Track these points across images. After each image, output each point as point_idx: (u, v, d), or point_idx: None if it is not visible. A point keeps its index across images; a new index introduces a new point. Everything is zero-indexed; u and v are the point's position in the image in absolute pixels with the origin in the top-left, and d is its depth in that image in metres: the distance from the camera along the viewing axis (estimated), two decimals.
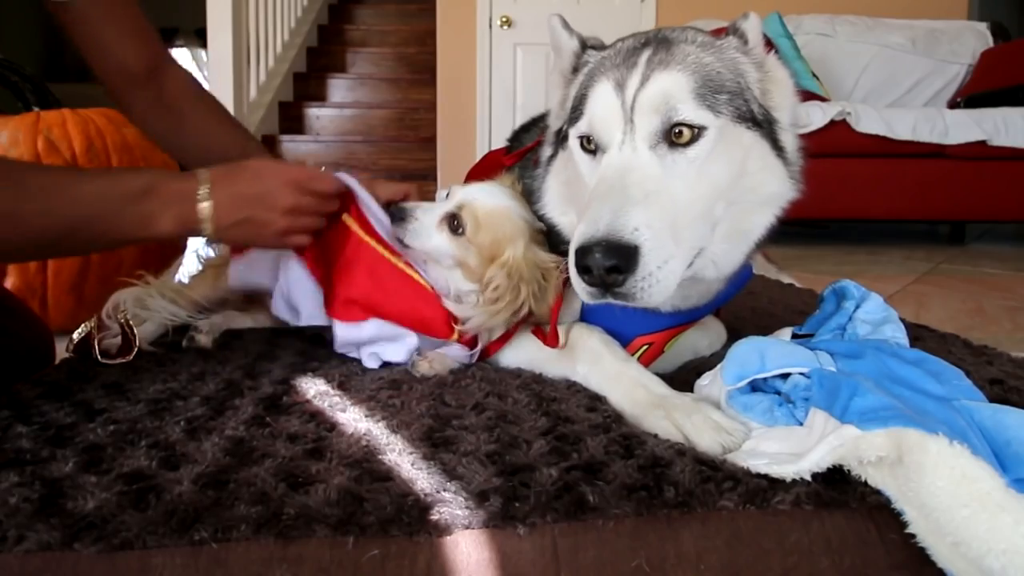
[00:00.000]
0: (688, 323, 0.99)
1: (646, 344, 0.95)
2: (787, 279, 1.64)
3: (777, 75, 0.88)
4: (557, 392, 0.84)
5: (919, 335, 1.18)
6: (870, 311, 0.88)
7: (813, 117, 3.29)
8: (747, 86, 0.84)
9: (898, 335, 0.87)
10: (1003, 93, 3.59)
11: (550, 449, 0.68)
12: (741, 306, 1.47)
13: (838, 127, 3.31)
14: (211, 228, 0.90)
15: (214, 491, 0.60)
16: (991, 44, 4.12)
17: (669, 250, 0.73)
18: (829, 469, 0.61)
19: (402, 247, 0.96)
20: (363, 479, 0.62)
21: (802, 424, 0.69)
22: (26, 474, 0.63)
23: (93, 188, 0.85)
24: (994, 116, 3.36)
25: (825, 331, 0.88)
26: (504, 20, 4.90)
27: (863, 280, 0.96)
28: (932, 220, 3.86)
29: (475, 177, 1.20)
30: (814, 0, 4.45)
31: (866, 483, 0.61)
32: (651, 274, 0.72)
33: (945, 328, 1.28)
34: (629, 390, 0.82)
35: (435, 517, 0.57)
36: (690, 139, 0.79)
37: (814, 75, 3.81)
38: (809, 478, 0.61)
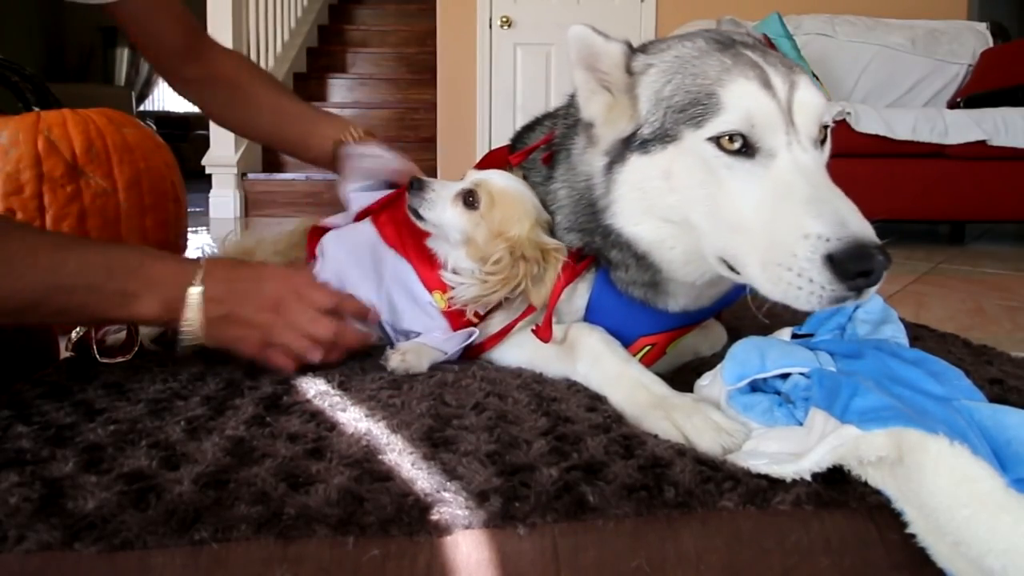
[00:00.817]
0: (693, 325, 0.99)
1: (649, 345, 0.95)
2: None
3: None
4: (557, 392, 0.84)
5: (919, 335, 1.18)
6: (870, 311, 0.88)
7: None
8: None
9: (898, 335, 0.87)
10: (1003, 93, 3.59)
11: (550, 449, 0.68)
12: (741, 306, 1.47)
13: (838, 127, 3.31)
14: (196, 318, 0.84)
15: (214, 491, 0.60)
16: (991, 44, 4.12)
17: None
18: (829, 469, 0.61)
19: (415, 218, 0.97)
20: (363, 479, 0.62)
21: (802, 424, 0.69)
22: (26, 474, 0.63)
23: (77, 257, 0.79)
24: (994, 116, 3.37)
25: (825, 331, 0.88)
26: (504, 20, 4.90)
27: None
28: (932, 220, 3.86)
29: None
30: (814, 0, 4.45)
31: (866, 483, 0.61)
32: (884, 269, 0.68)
33: (945, 328, 1.28)
34: (629, 390, 0.82)
35: (435, 517, 0.57)
36: (822, 140, 0.81)
37: (814, 75, 3.81)
38: (809, 478, 0.61)
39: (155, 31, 1.21)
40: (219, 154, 4.71)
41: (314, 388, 0.86)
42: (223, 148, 4.72)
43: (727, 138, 0.76)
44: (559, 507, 0.58)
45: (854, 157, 3.39)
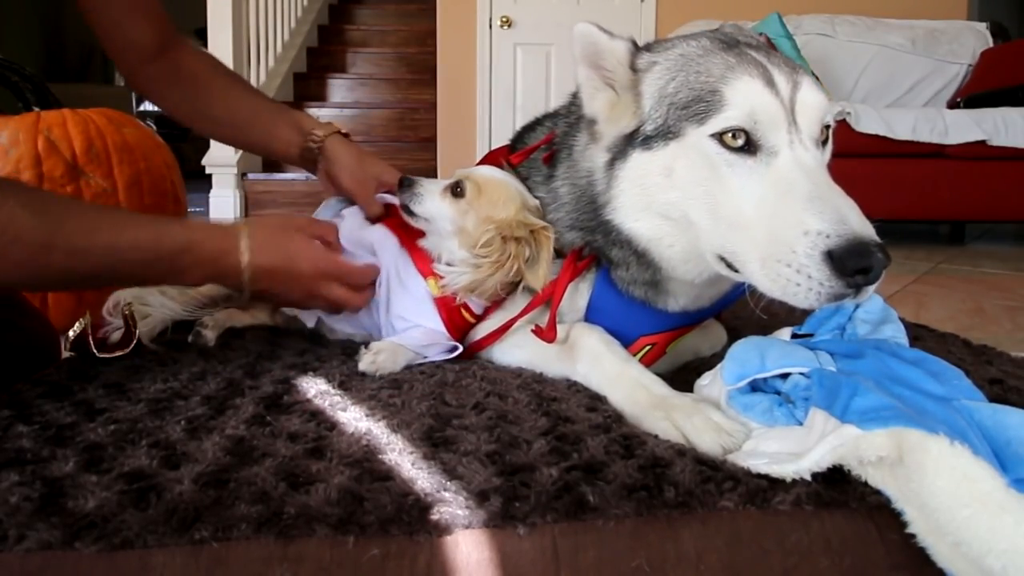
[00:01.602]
0: (693, 325, 0.99)
1: (649, 344, 0.95)
2: None
3: None
4: (557, 392, 0.84)
5: (919, 335, 1.18)
6: (870, 311, 0.88)
7: None
8: None
9: (898, 335, 0.87)
10: (1003, 93, 3.60)
11: (550, 449, 0.68)
12: (741, 306, 1.47)
13: (838, 127, 3.29)
14: (246, 283, 0.94)
15: (215, 490, 0.60)
16: (991, 44, 4.12)
17: None
18: (829, 469, 0.61)
19: (407, 215, 1.00)
20: (363, 478, 0.62)
21: (802, 424, 0.69)
22: (27, 473, 0.63)
23: (130, 238, 0.85)
24: (994, 116, 3.37)
25: (825, 331, 0.88)
26: (504, 20, 4.90)
27: None
28: (932, 220, 3.86)
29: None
30: (814, 0, 4.45)
31: (866, 483, 0.61)
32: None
33: (945, 328, 1.28)
34: (629, 390, 0.82)
35: (435, 517, 0.57)
36: (824, 140, 0.82)
37: (814, 75, 3.81)
38: (809, 478, 0.61)
39: (124, 25, 1.16)
40: (219, 154, 4.71)
41: (314, 388, 0.86)
42: (223, 148, 4.71)
43: (730, 135, 0.77)
44: (559, 507, 0.58)
45: (854, 157, 3.39)
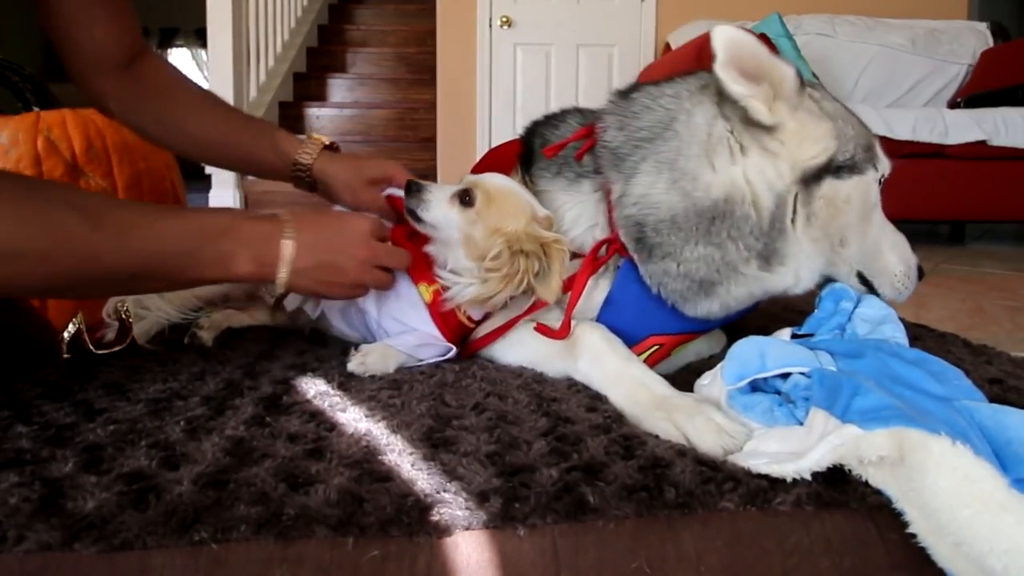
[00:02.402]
0: (704, 331, 1.00)
1: (657, 345, 0.95)
2: None
3: None
4: (557, 392, 0.84)
5: (919, 335, 1.18)
6: (869, 310, 0.88)
7: None
8: None
9: (897, 335, 0.87)
10: (1003, 93, 3.60)
11: (550, 450, 0.68)
12: None
13: None
14: (288, 271, 0.87)
15: (214, 491, 0.60)
16: (991, 44, 4.12)
17: None
18: (829, 469, 0.61)
19: (414, 220, 0.97)
20: (363, 479, 0.62)
21: (802, 424, 0.69)
22: (26, 474, 0.63)
23: (173, 224, 0.82)
24: (994, 116, 3.37)
25: (824, 331, 0.88)
26: (504, 20, 4.89)
27: None
28: (932, 220, 3.86)
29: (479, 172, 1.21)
30: (814, 0, 4.45)
31: (867, 483, 0.60)
32: None
33: (945, 328, 1.28)
34: (630, 389, 0.82)
35: (435, 518, 0.57)
36: None
37: (814, 75, 3.81)
38: (809, 477, 0.61)
39: (85, 25, 1.03)
40: None
41: (314, 388, 0.86)
42: None
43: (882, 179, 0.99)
44: (559, 508, 0.58)
45: None
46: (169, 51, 9.62)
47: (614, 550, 0.57)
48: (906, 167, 3.40)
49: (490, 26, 4.92)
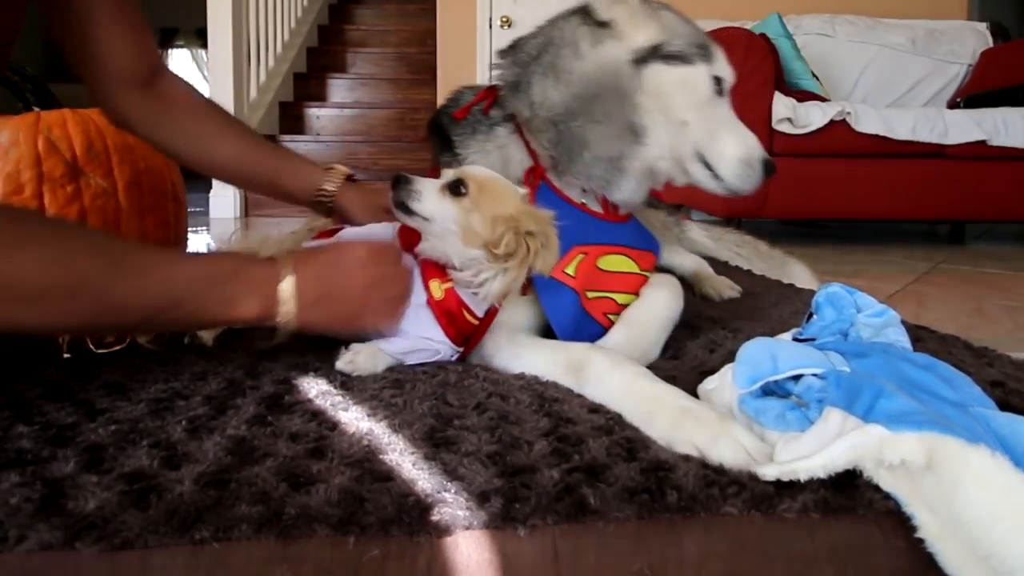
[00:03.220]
0: (619, 245, 1.09)
1: (581, 254, 1.04)
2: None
3: None
4: (559, 393, 0.84)
5: (919, 336, 1.18)
6: (872, 315, 0.88)
7: (813, 117, 3.29)
8: None
9: (901, 338, 0.86)
10: (1003, 93, 3.59)
11: (552, 450, 0.68)
12: (741, 306, 1.47)
13: (838, 127, 3.30)
14: (293, 307, 0.87)
15: (215, 491, 0.60)
16: (991, 44, 4.11)
17: None
18: (837, 474, 0.60)
19: (404, 214, 0.95)
20: (364, 479, 0.62)
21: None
22: (27, 474, 0.63)
23: (184, 269, 0.83)
24: (994, 116, 3.36)
25: (827, 335, 0.87)
26: (504, 20, 4.90)
27: (863, 280, 0.96)
28: (932, 220, 3.86)
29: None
30: (814, 0, 4.45)
31: (875, 488, 0.60)
32: None
33: (945, 328, 1.28)
34: (641, 405, 0.78)
35: (436, 518, 0.57)
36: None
37: (814, 75, 3.81)
38: (823, 476, 0.60)
39: (106, 43, 1.06)
40: None
41: (316, 387, 0.86)
42: None
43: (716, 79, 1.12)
44: (560, 509, 0.58)
45: (854, 157, 3.39)
46: (169, 51, 9.61)
47: (615, 552, 0.57)
48: (906, 167, 3.41)
49: (490, 26, 4.92)
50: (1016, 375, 0.96)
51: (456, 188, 0.94)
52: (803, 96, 3.50)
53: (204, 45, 5.17)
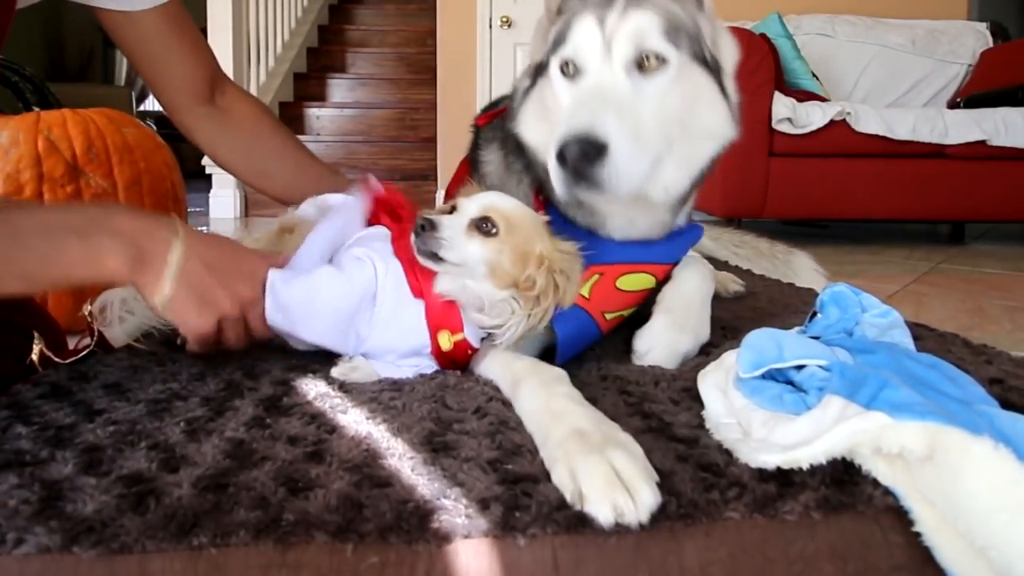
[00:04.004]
0: (641, 263, 1.03)
1: (597, 275, 0.99)
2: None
3: (724, 34, 1.05)
4: None
5: (919, 334, 1.17)
6: (877, 315, 0.87)
7: (813, 117, 3.29)
8: (702, 35, 1.00)
9: (906, 340, 0.86)
10: (1003, 93, 3.59)
11: None
12: (742, 306, 1.47)
13: (838, 127, 3.31)
14: (172, 273, 0.78)
15: (213, 495, 0.60)
16: (991, 44, 4.12)
17: (634, 151, 0.87)
18: (838, 471, 0.60)
19: (433, 261, 0.88)
20: (363, 484, 0.62)
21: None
22: (25, 476, 0.63)
23: (33, 219, 0.76)
24: (994, 116, 3.36)
25: (831, 333, 0.87)
26: (504, 20, 4.89)
27: (863, 280, 0.96)
28: (932, 220, 3.86)
29: (462, 173, 1.28)
30: (814, 0, 4.45)
31: (874, 483, 0.60)
32: (618, 167, 0.85)
33: (945, 328, 1.28)
34: (543, 426, 0.72)
35: (435, 525, 0.56)
36: (656, 69, 0.94)
37: (814, 75, 3.81)
38: (824, 461, 0.59)
39: (171, 62, 1.12)
40: None
41: (314, 389, 0.86)
42: None
43: (567, 64, 0.97)
44: (560, 519, 0.57)
45: (854, 157, 3.39)
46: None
47: (615, 563, 0.56)
48: (906, 167, 3.41)
49: (490, 26, 4.92)
50: (1015, 372, 0.95)
51: (485, 227, 0.88)
52: (803, 96, 3.50)
53: None
